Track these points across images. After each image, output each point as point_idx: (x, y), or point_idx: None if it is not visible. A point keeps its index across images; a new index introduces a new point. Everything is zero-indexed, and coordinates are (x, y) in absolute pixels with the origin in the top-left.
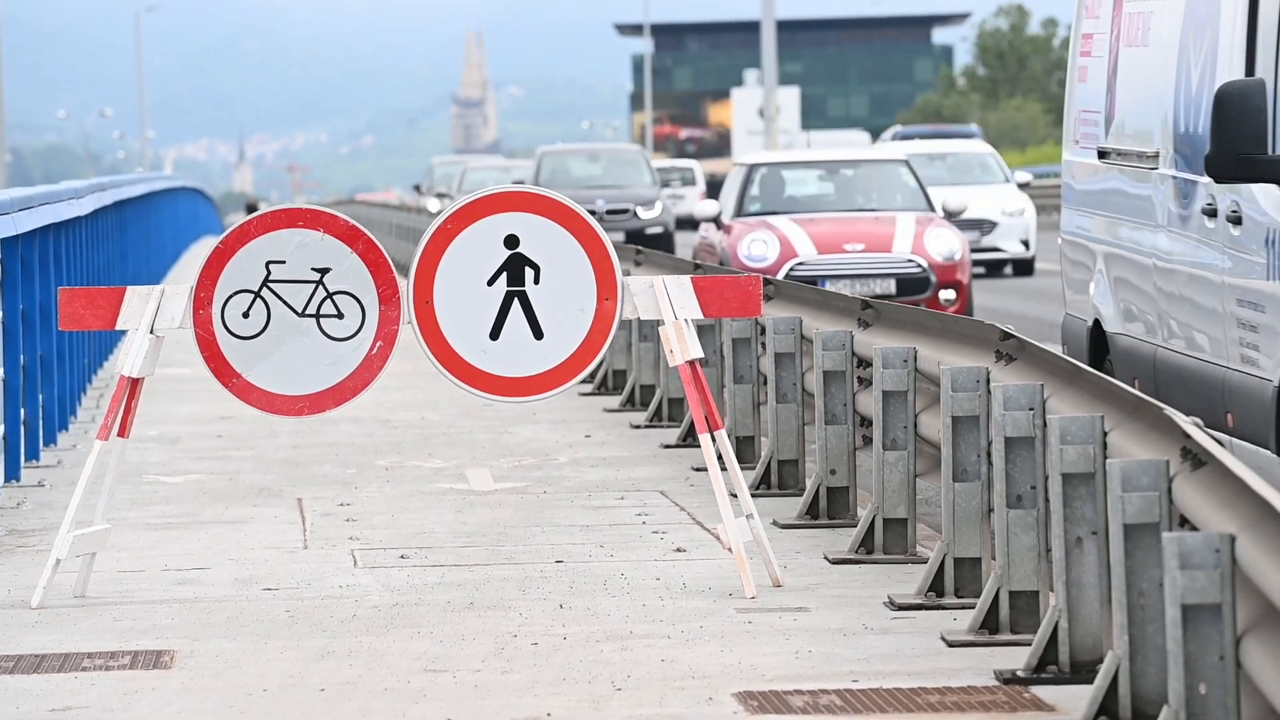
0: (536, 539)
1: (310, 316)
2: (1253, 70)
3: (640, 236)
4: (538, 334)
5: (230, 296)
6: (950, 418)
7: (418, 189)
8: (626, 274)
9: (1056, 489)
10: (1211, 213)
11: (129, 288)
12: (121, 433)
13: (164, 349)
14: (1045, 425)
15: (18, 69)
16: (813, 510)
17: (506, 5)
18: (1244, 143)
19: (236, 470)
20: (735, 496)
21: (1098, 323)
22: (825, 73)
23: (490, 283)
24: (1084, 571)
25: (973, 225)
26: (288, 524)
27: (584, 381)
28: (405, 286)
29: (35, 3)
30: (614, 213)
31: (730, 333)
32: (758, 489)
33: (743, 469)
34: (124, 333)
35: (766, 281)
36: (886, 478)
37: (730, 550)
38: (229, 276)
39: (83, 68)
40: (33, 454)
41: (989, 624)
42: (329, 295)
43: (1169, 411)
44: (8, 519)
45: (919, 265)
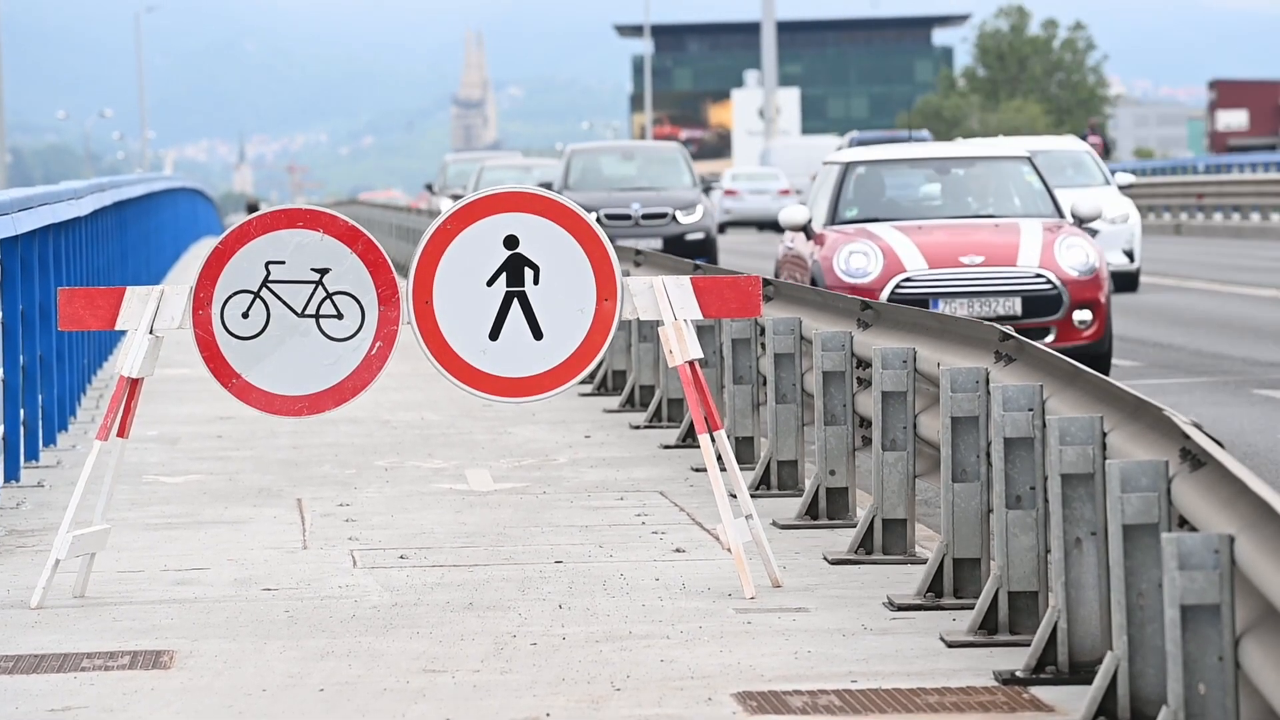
0: (536, 539)
1: (310, 317)
2: None
3: (680, 243)
4: (537, 334)
5: (230, 297)
6: (949, 418)
7: (429, 189)
8: (626, 274)
9: (1056, 490)
10: None
11: (128, 288)
12: (121, 433)
13: (164, 349)
14: (1045, 426)
15: (18, 69)
16: (812, 511)
17: (506, 6)
18: None
19: (236, 470)
20: (735, 497)
21: None
22: (825, 74)
23: (490, 283)
24: (1083, 572)
25: None
26: (287, 524)
27: (584, 382)
28: (405, 287)
29: (35, 3)
30: (650, 217)
31: (730, 333)
32: (757, 489)
33: (742, 469)
34: (123, 333)
35: (766, 282)
36: (886, 478)
37: (729, 550)
38: (228, 277)
39: (83, 68)
40: (32, 454)
41: (988, 624)
42: (328, 295)
43: (1168, 412)
44: (7, 519)
45: (1049, 281)
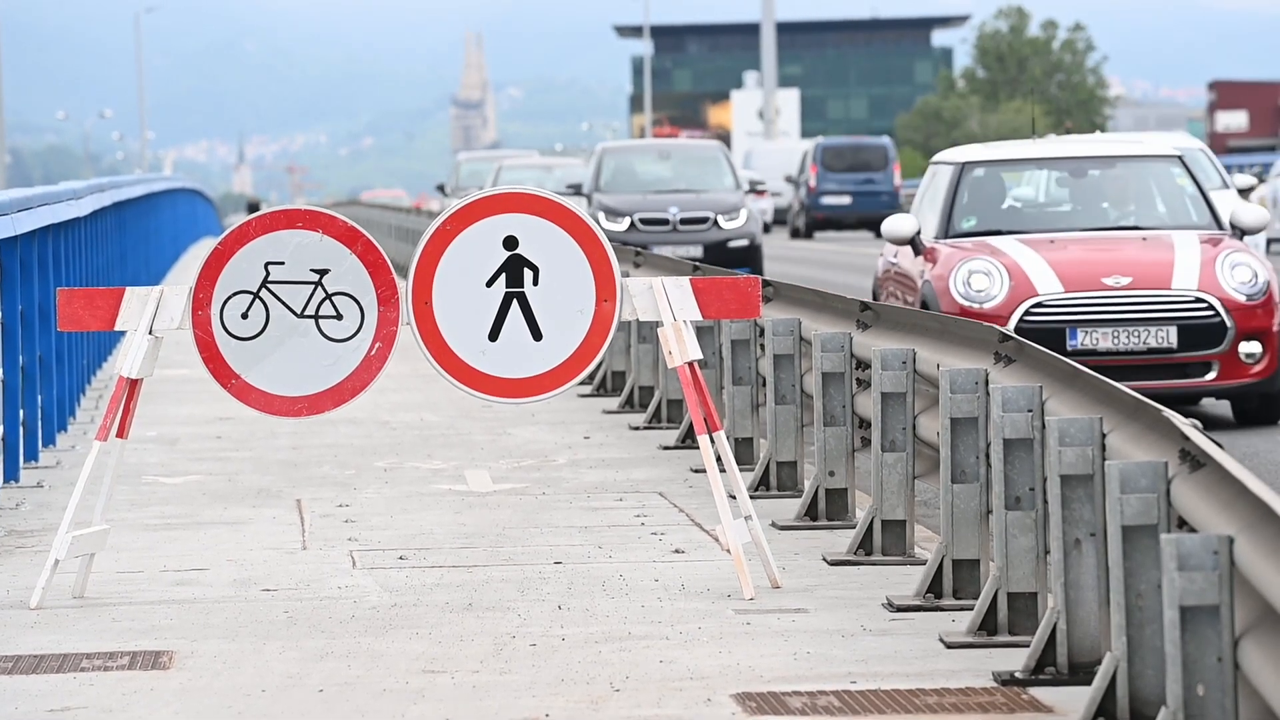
0: (535, 540)
1: (309, 317)
2: None
3: (722, 250)
4: (536, 335)
5: (229, 297)
6: (949, 419)
7: (441, 189)
8: (625, 275)
9: (1055, 490)
10: None
11: (128, 288)
12: (120, 434)
13: (163, 350)
14: (1044, 427)
15: (18, 70)
16: (811, 511)
17: (506, 6)
18: None
19: (235, 471)
20: (734, 498)
21: None
22: (825, 75)
23: (489, 284)
24: (1082, 573)
25: None
26: (286, 525)
27: (583, 383)
28: (404, 287)
29: (35, 4)
30: (690, 222)
31: (729, 334)
32: (756, 490)
33: (741, 470)
34: (123, 333)
35: (765, 283)
36: (885, 479)
37: (729, 551)
38: (228, 277)
39: (82, 69)
40: (32, 455)
41: (987, 625)
42: (328, 296)
43: (1167, 413)
44: (7, 520)
45: (1210, 306)
